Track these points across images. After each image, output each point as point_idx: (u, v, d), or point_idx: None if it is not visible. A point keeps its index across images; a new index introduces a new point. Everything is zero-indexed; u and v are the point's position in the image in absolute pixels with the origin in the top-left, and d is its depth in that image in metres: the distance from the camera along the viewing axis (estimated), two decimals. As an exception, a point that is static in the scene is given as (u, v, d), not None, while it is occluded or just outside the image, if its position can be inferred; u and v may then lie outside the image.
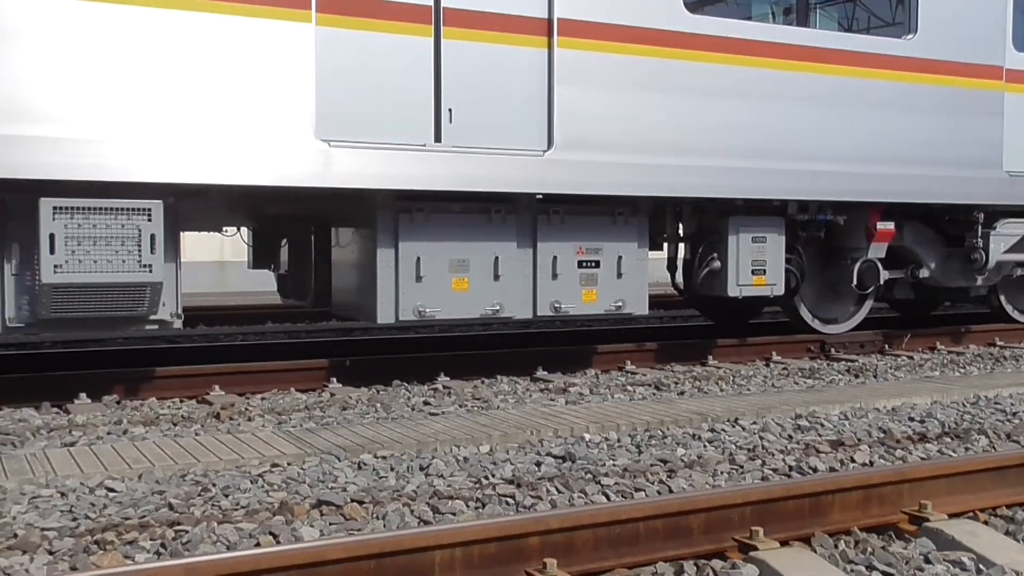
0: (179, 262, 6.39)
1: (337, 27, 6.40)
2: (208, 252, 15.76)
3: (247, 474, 4.70)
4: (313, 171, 6.34)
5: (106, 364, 7.56)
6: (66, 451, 5.00)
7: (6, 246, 5.91)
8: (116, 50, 5.82)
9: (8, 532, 3.85)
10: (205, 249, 15.27)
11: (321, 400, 6.91)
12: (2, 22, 5.55)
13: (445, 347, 8.94)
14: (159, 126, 5.93)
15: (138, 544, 3.78)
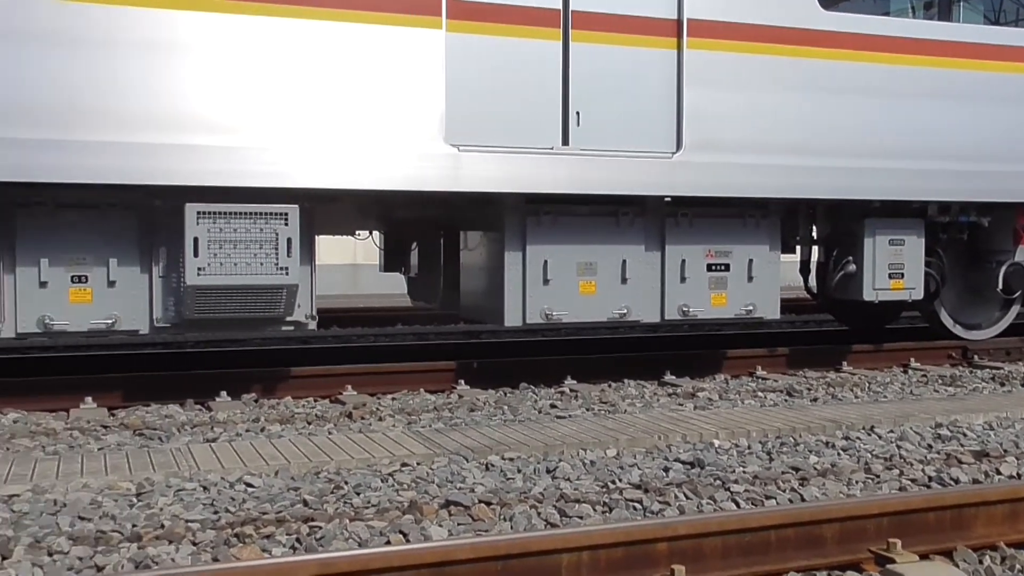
0: (314, 265, 6.57)
1: (466, 32, 6.47)
2: (341, 255, 16.15)
3: (378, 473, 4.80)
4: (443, 175, 6.43)
5: (245, 363, 7.83)
6: (208, 447, 5.20)
7: (155, 250, 6.20)
8: (259, 61, 6.04)
9: (156, 523, 4.03)
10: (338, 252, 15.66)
11: (450, 401, 7.00)
12: (158, 37, 5.82)
13: (572, 350, 8.93)
14: (297, 133, 6.12)
15: (274, 538, 3.91)
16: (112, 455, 4.98)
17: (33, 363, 7.47)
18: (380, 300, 14.21)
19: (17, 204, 5.93)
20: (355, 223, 7.96)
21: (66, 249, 6.02)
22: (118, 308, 6.15)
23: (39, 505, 4.22)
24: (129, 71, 5.78)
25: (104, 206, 6.08)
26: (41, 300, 5.99)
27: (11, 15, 5.55)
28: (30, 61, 5.59)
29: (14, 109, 5.57)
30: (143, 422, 6.18)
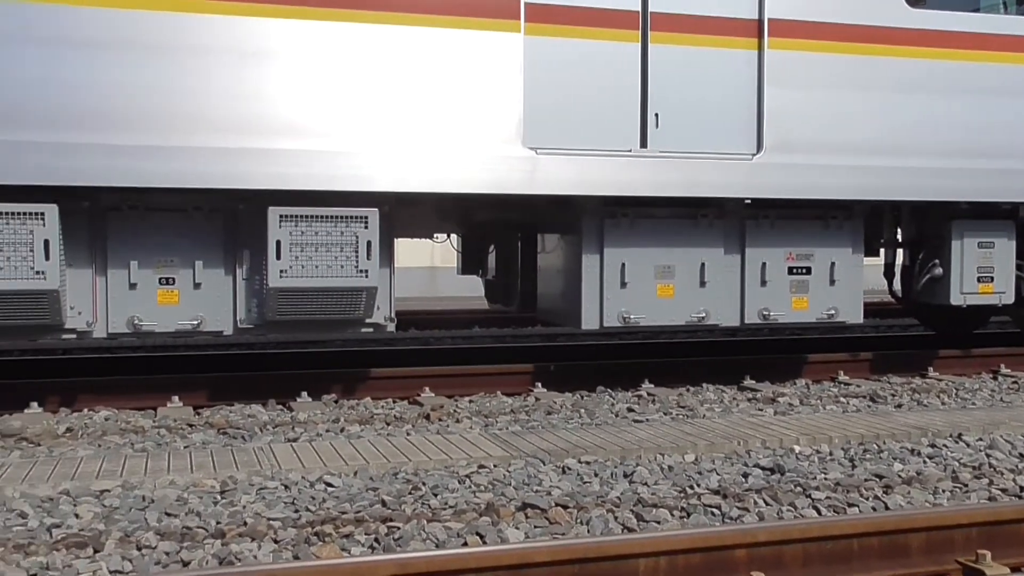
0: (393, 267, 6.65)
1: (544, 36, 6.48)
2: (420, 258, 16.29)
3: (455, 474, 4.82)
4: (520, 178, 6.45)
5: (325, 364, 7.95)
6: (289, 446, 5.29)
7: (239, 252, 6.34)
8: (342, 66, 6.12)
9: (239, 520, 4.11)
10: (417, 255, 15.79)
11: (526, 404, 7.01)
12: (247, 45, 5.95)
13: (649, 354, 8.87)
14: (378, 137, 6.19)
15: (354, 538, 3.96)
16: (197, 453, 5.10)
17: (123, 363, 7.69)
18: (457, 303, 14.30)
19: (109, 208, 6.12)
20: (433, 226, 8.02)
21: (155, 252, 6.19)
22: (203, 309, 6.30)
23: (128, 500, 4.34)
24: (219, 78, 5.91)
25: (191, 210, 6.24)
26: (131, 301, 6.17)
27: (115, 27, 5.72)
28: (128, 69, 5.76)
29: (110, 115, 5.74)
30: (227, 421, 6.31)
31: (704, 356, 8.71)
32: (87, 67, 5.70)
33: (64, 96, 5.68)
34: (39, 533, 3.93)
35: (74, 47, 5.68)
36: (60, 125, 5.67)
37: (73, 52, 5.68)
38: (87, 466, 4.78)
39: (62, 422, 6.24)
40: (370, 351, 8.58)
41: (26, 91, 5.62)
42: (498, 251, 8.31)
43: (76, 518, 4.12)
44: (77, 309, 6.09)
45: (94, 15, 5.70)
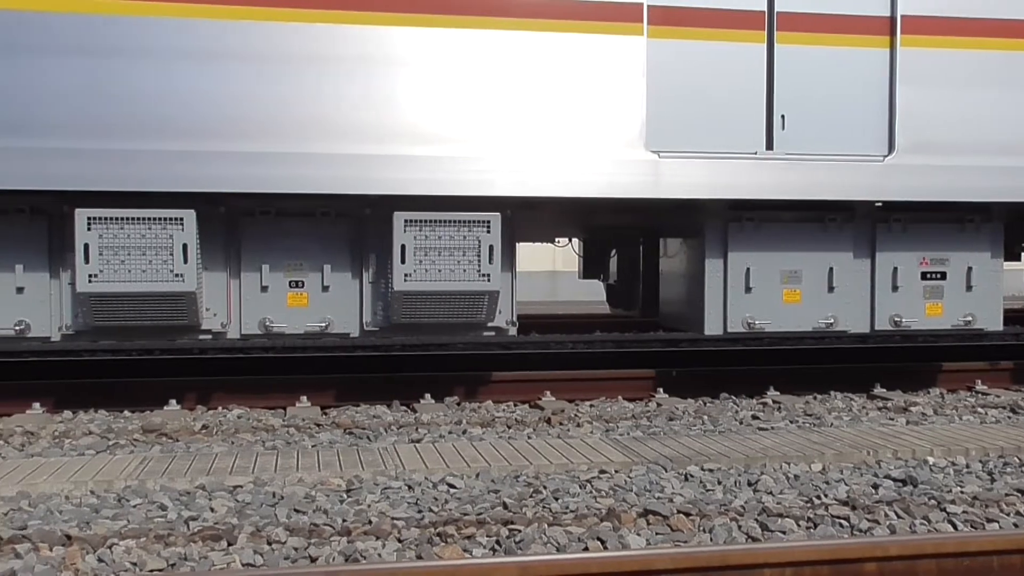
0: (514, 272, 6.69)
1: (667, 38, 6.43)
2: (541, 262, 16.35)
3: (576, 479, 4.82)
4: (643, 182, 6.41)
5: (448, 367, 8.05)
6: (413, 447, 5.38)
7: (365, 256, 6.49)
8: (466, 73, 6.21)
9: (364, 519, 4.20)
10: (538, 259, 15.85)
11: (648, 409, 6.95)
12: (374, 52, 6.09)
13: (775, 360, 8.68)
14: (501, 142, 6.25)
15: (475, 539, 3.99)
16: (324, 452, 5.23)
17: (254, 363, 7.95)
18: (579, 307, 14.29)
19: (243, 213, 6.35)
20: (555, 230, 8.04)
21: (285, 256, 6.39)
22: (331, 312, 6.47)
23: (259, 496, 4.48)
24: (349, 86, 6.07)
25: (319, 215, 6.42)
26: (262, 304, 6.39)
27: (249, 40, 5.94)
28: (262, 80, 5.97)
29: (245, 125, 5.96)
30: (353, 421, 6.46)
31: (832, 363, 8.47)
32: (224, 79, 5.93)
33: (202, 107, 5.92)
34: (177, 525, 4.10)
35: (211, 60, 5.92)
36: (199, 135, 5.91)
37: (211, 65, 5.92)
38: (221, 462, 4.96)
39: (198, 419, 6.50)
40: (492, 354, 8.64)
41: (169, 103, 5.88)
42: (620, 255, 8.27)
43: (211, 512, 4.28)
44: (212, 311, 6.34)
45: (230, 29, 5.93)
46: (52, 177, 5.77)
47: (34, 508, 4.29)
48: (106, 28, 5.80)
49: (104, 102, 5.82)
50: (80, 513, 4.22)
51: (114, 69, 5.82)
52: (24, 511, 4.25)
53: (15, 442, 5.83)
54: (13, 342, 6.26)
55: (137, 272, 5.85)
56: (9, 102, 5.72)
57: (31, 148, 5.74)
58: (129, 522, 4.13)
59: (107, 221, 5.81)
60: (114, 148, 5.82)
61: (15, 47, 5.72)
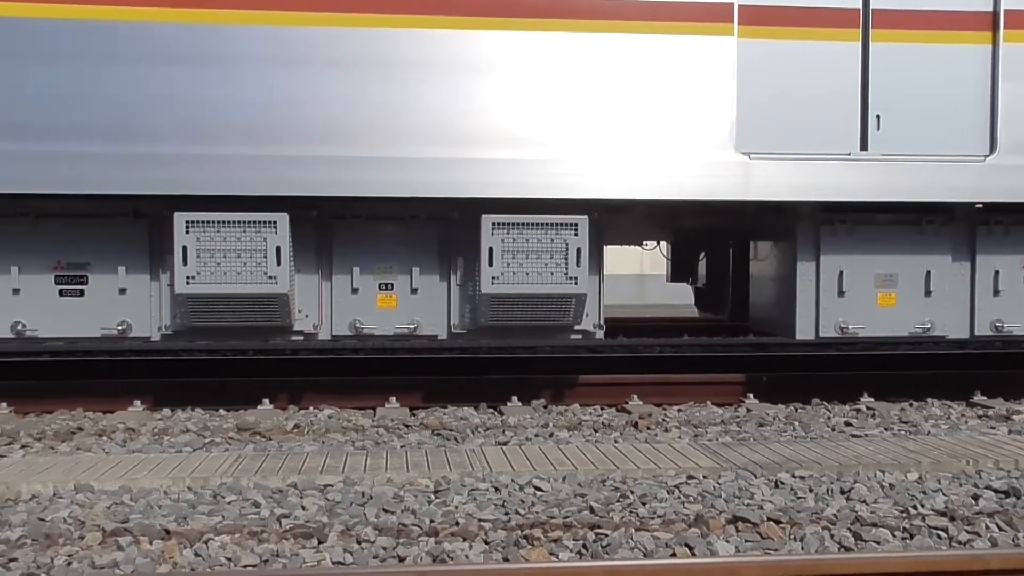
0: (602, 275, 6.67)
1: (758, 38, 6.33)
2: (628, 265, 16.26)
3: (663, 484, 4.78)
4: (733, 184, 6.33)
5: (535, 370, 8.06)
6: (499, 449, 5.40)
7: (453, 259, 6.54)
8: (553, 76, 6.22)
9: (451, 520, 4.23)
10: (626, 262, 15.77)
11: (737, 415, 6.86)
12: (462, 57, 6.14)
13: (869, 366, 8.47)
14: (588, 145, 6.24)
15: (562, 543, 3.99)
16: (413, 453, 5.28)
17: (344, 364, 8.08)
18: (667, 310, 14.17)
19: (334, 217, 6.46)
20: (643, 233, 7.99)
21: (375, 258, 6.49)
22: (419, 314, 6.54)
23: (349, 496, 4.55)
24: (437, 91, 6.13)
25: (408, 218, 6.49)
26: (353, 305, 6.49)
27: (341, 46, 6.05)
28: (352, 85, 6.07)
29: (336, 129, 6.06)
30: (441, 423, 6.52)
31: (929, 369, 8.23)
32: (315, 84, 6.05)
33: (294, 112, 6.05)
34: (270, 522, 4.19)
35: (305, 66, 6.04)
36: (291, 139, 6.04)
37: (302, 70, 6.04)
38: (312, 461, 5.05)
39: (290, 419, 6.63)
40: (579, 358, 8.62)
41: (264, 109, 6.02)
42: (709, 258, 8.18)
43: (302, 510, 4.36)
44: (304, 312, 6.46)
45: (322, 36, 6.04)
46: (153, 182, 5.96)
47: (135, 502, 4.43)
48: (205, 37, 5.96)
49: (202, 109, 5.98)
50: (178, 508, 4.34)
51: (212, 77, 5.98)
52: (126, 505, 4.40)
53: (117, 438, 6.03)
54: (116, 341, 6.47)
55: (232, 274, 6.00)
56: (113, 110, 5.92)
57: (134, 154, 5.93)
58: (224, 518, 4.24)
59: (204, 224, 5.98)
60: (211, 153, 5.98)
61: (119, 57, 5.92)
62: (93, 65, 5.90)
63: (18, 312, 6.24)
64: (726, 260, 8.05)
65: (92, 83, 5.91)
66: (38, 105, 5.88)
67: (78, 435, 6.09)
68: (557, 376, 7.57)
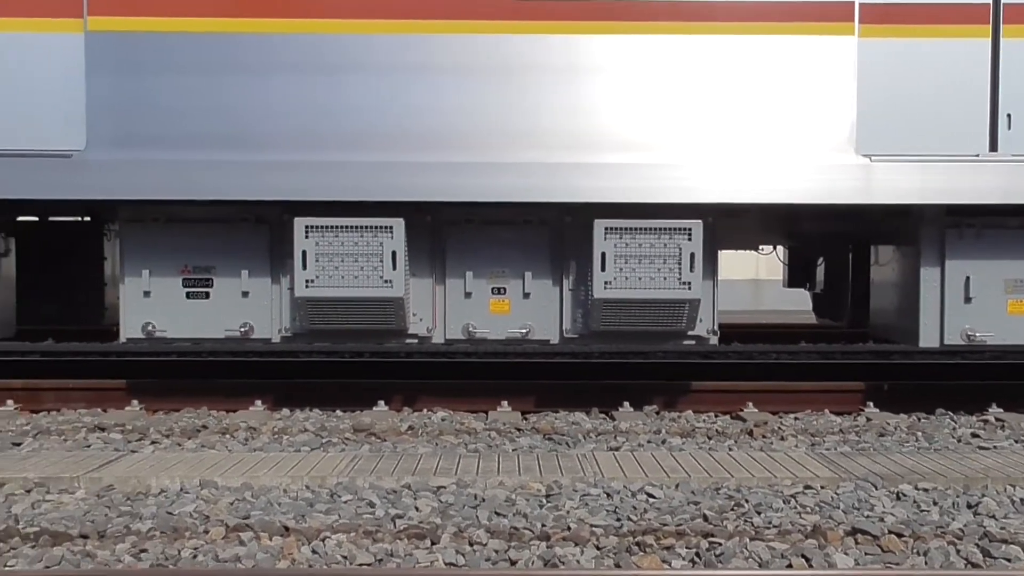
0: (716, 280, 6.58)
1: (880, 37, 6.16)
2: (743, 270, 15.99)
3: (779, 494, 4.68)
4: (854, 187, 6.16)
5: (647, 376, 7.99)
6: (611, 455, 5.38)
7: (565, 263, 6.55)
8: (665, 79, 6.17)
9: (563, 524, 4.24)
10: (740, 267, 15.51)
11: (856, 424, 6.67)
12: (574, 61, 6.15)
13: (998, 375, 8.13)
14: (702, 148, 6.16)
15: (674, 550, 3.95)
16: (524, 457, 5.31)
17: (457, 367, 8.17)
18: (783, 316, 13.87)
19: (448, 222, 6.54)
20: (758, 237, 7.85)
21: (488, 263, 6.54)
22: (532, 318, 6.56)
23: (462, 498, 4.60)
24: (549, 95, 6.15)
25: (521, 222, 6.53)
26: (466, 309, 6.56)
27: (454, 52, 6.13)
28: (466, 91, 6.14)
29: (450, 135, 6.14)
30: (552, 427, 6.52)
31: (1064, 380, 7.85)
32: (431, 91, 6.14)
33: (410, 118, 6.15)
34: (384, 522, 4.26)
35: (420, 73, 6.13)
36: (407, 145, 6.14)
37: (418, 77, 6.14)
38: (426, 463, 5.12)
39: (405, 420, 6.73)
40: (692, 364, 8.52)
41: (380, 116, 6.14)
42: (827, 263, 7.98)
43: (416, 511, 4.42)
44: (419, 316, 6.56)
45: (437, 43, 6.13)
46: (274, 188, 6.14)
47: (256, 499, 4.57)
48: (325, 47, 6.12)
49: (322, 116, 6.14)
50: (296, 506, 4.46)
51: (330, 85, 6.13)
52: (247, 501, 4.54)
53: (239, 436, 6.23)
54: (238, 343, 6.69)
55: (349, 278, 6.13)
56: (235, 119, 6.13)
57: (255, 161, 6.13)
58: (340, 517, 4.33)
59: (322, 229, 6.13)
60: (330, 160, 6.13)
61: (240, 67, 6.12)
62: (218, 76, 6.12)
63: (148, 313, 6.51)
64: (845, 265, 7.83)
65: (217, 93, 6.12)
66: (167, 116, 6.12)
67: (203, 433, 6.32)
68: (670, 382, 7.49)
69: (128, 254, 6.51)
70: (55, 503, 4.53)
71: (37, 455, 5.35)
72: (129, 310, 6.53)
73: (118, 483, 4.78)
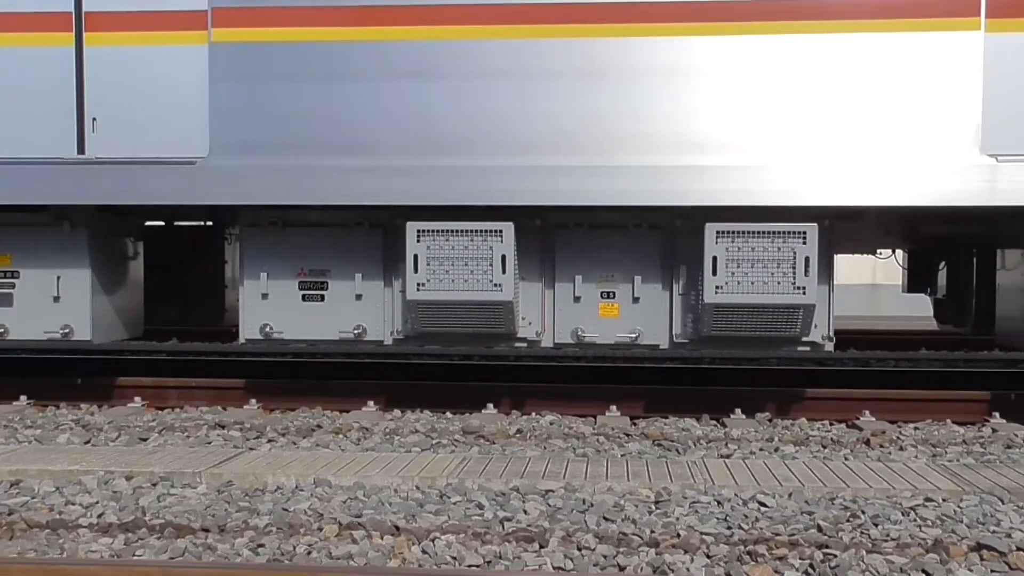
0: (832, 284, 6.42)
1: (1010, 32, 5.91)
2: (860, 275, 15.56)
3: (898, 506, 4.54)
4: (977, 189, 5.93)
5: (759, 382, 7.84)
6: (722, 462, 5.29)
7: (675, 268, 6.48)
8: (776, 80, 6.05)
9: (672, 531, 4.19)
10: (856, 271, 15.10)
11: (981, 435, 6.41)
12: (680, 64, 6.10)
13: None
14: (816, 150, 6.03)
15: (787, 561, 3.87)
16: (633, 462, 5.27)
17: (565, 371, 8.16)
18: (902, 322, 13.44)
19: (557, 226, 6.55)
20: (876, 241, 7.63)
21: (597, 267, 6.53)
22: (641, 323, 6.52)
23: (570, 502, 4.59)
24: (658, 98, 6.11)
25: (631, 226, 6.49)
26: (575, 314, 6.56)
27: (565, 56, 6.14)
28: (575, 95, 6.14)
29: (559, 139, 6.16)
30: (662, 433, 6.46)
31: None
32: (541, 95, 6.16)
33: (520, 123, 6.18)
34: (493, 524, 4.29)
35: (530, 78, 6.16)
36: (517, 150, 6.17)
37: (529, 82, 6.16)
38: (534, 466, 5.13)
39: (513, 423, 6.76)
40: (806, 370, 8.32)
41: (490, 121, 6.19)
42: (950, 267, 7.71)
43: (524, 514, 4.44)
44: (528, 320, 6.59)
45: (547, 47, 6.15)
46: (389, 193, 6.25)
47: (368, 498, 4.65)
48: (439, 53, 6.20)
49: (433, 122, 6.22)
50: (407, 506, 4.53)
51: (445, 91, 6.21)
52: (360, 500, 4.63)
53: (352, 436, 6.36)
54: (352, 344, 6.83)
55: (460, 281, 6.20)
56: (351, 125, 6.26)
57: (371, 167, 6.25)
58: (450, 518, 4.38)
59: (434, 233, 6.21)
60: (442, 165, 6.21)
61: (356, 74, 6.25)
62: (334, 83, 6.26)
63: (266, 315, 6.71)
64: (969, 269, 7.55)
65: (333, 101, 6.27)
66: (286, 123, 6.30)
67: (317, 432, 6.47)
68: (783, 389, 7.34)
69: (247, 258, 6.72)
70: (179, 497, 4.70)
71: (162, 450, 5.56)
72: (248, 312, 6.74)
73: (237, 479, 4.93)
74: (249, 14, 6.28)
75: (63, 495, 4.71)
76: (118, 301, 7.25)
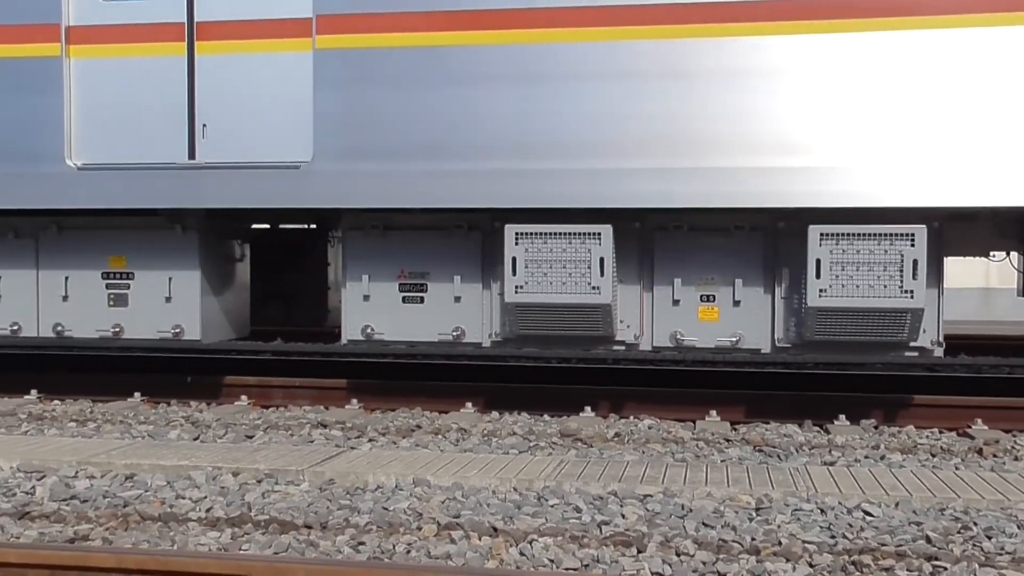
0: (941, 288, 6.23)
1: None
2: (971, 278, 15.04)
3: (1014, 518, 4.37)
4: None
5: (865, 388, 7.65)
6: (825, 469, 5.17)
7: (778, 271, 6.36)
8: (882, 79, 5.89)
9: (773, 539, 4.11)
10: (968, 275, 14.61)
11: (1102, 446, 6.13)
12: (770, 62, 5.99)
13: None
14: (924, 150, 5.85)
15: (894, 572, 3.76)
16: (733, 468, 5.19)
17: (664, 375, 8.09)
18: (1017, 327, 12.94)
19: (656, 228, 6.50)
20: (989, 243, 7.36)
21: (696, 270, 6.46)
22: (742, 327, 6.42)
23: (669, 507, 4.55)
24: (760, 99, 6.01)
25: (732, 229, 6.40)
26: (674, 317, 6.49)
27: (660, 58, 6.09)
28: (670, 97, 6.09)
29: (656, 142, 6.11)
30: (763, 439, 6.35)
31: None
32: (639, 98, 6.12)
33: (618, 126, 6.15)
34: (590, 528, 4.28)
35: (626, 80, 6.13)
36: (615, 153, 6.14)
37: (626, 85, 6.13)
38: (632, 470, 5.10)
39: (611, 427, 6.73)
40: (914, 376, 8.08)
41: (587, 124, 6.18)
42: (1069, 271, 7.38)
43: (622, 518, 4.41)
44: (626, 323, 6.56)
45: (645, 49, 6.10)
46: (488, 196, 6.29)
47: (466, 499, 4.69)
48: (534, 57, 6.22)
49: (532, 125, 6.24)
50: (504, 508, 4.55)
51: (541, 94, 6.23)
52: (458, 501, 4.66)
53: (451, 437, 6.41)
54: (450, 346, 6.90)
55: (558, 284, 6.20)
56: (450, 129, 6.32)
57: (469, 170, 6.30)
58: (547, 520, 4.38)
59: (532, 236, 6.23)
60: (541, 168, 6.22)
61: (456, 79, 6.31)
62: (434, 88, 6.33)
63: (367, 316, 6.82)
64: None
65: (433, 105, 6.34)
66: (387, 128, 6.39)
67: (417, 432, 6.55)
68: (889, 395, 7.14)
69: (350, 260, 6.85)
70: (282, 493, 4.81)
71: (267, 448, 5.70)
72: (350, 313, 6.86)
73: (338, 477, 5.02)
74: (352, 21, 6.40)
75: (174, 489, 4.87)
76: (226, 302, 7.47)
